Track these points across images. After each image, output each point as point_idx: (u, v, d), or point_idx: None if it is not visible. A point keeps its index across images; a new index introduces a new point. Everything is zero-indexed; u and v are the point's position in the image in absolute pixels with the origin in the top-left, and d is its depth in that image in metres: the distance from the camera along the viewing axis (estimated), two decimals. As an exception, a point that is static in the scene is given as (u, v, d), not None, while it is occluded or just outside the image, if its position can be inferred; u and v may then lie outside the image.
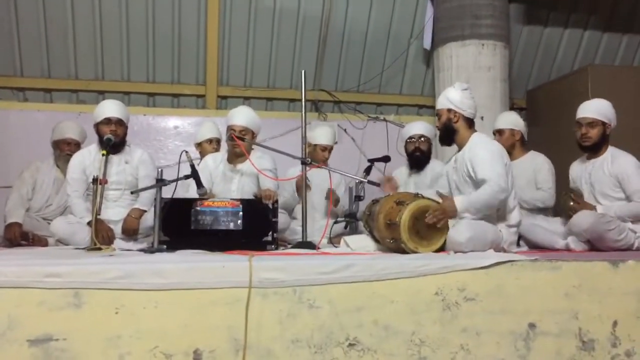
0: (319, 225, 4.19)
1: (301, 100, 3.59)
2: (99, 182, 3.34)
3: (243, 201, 3.33)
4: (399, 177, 4.63)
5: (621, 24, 6.53)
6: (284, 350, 2.34)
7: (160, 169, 3.31)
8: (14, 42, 5.58)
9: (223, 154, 4.22)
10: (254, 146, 4.06)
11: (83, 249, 3.41)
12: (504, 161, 3.33)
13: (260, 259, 2.46)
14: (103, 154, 3.62)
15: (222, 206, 3.26)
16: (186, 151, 3.36)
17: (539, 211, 4.32)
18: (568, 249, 3.57)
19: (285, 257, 2.74)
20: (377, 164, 4.55)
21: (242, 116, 4.02)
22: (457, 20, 5.39)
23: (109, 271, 2.26)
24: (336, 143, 4.91)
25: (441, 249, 3.06)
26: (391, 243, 3.05)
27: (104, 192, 3.53)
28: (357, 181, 3.99)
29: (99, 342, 2.20)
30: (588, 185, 3.81)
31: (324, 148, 4.67)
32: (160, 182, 3.18)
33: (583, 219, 3.51)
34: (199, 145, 4.89)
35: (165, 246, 3.12)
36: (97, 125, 3.96)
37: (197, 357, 2.26)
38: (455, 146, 3.54)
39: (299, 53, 6.12)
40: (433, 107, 5.50)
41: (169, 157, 5.81)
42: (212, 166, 4.11)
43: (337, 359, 2.37)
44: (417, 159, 4.52)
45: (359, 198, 4.04)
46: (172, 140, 6.01)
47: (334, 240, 3.70)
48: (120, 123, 3.95)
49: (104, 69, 5.87)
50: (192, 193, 3.57)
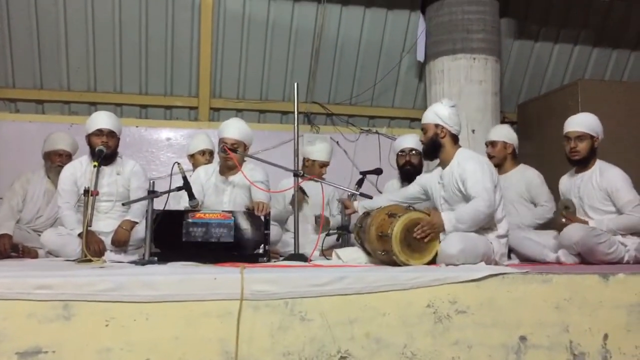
0: (311, 238, 4.19)
1: (294, 112, 3.60)
2: (90, 193, 3.32)
3: (235, 213, 3.32)
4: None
5: (611, 40, 6.61)
6: (275, 363, 2.33)
7: (152, 181, 3.31)
8: (6, 53, 5.57)
9: (215, 165, 4.21)
10: (246, 158, 4.05)
11: (73, 260, 3.38)
12: (493, 176, 3.33)
13: (252, 271, 2.46)
14: (94, 166, 3.59)
15: (213, 218, 3.25)
16: (178, 163, 3.36)
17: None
18: (559, 262, 3.57)
19: (277, 270, 2.74)
20: (369, 176, 4.56)
21: (234, 129, 4.01)
22: (448, 34, 5.44)
23: (100, 283, 2.25)
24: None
25: (433, 262, 3.06)
26: (383, 255, 3.05)
27: (95, 203, 3.49)
28: (349, 194, 4.00)
29: (89, 354, 2.19)
30: (577, 199, 3.83)
31: (322, 164, 4.71)
32: (152, 193, 3.17)
33: (573, 232, 3.53)
34: (191, 157, 4.89)
35: (156, 258, 3.11)
36: (89, 137, 3.95)
37: (188, 370, 2.25)
38: (437, 160, 3.55)
39: (292, 66, 6.13)
40: (425, 120, 5.53)
41: (161, 169, 5.81)
42: (204, 178, 4.10)
43: (329, 371, 2.36)
44: (408, 172, 4.52)
45: (350, 211, 4.03)
46: (165, 152, 6.00)
47: (325, 253, 3.70)
48: (112, 134, 3.95)
49: (96, 80, 5.85)
50: (184, 205, 3.57)
